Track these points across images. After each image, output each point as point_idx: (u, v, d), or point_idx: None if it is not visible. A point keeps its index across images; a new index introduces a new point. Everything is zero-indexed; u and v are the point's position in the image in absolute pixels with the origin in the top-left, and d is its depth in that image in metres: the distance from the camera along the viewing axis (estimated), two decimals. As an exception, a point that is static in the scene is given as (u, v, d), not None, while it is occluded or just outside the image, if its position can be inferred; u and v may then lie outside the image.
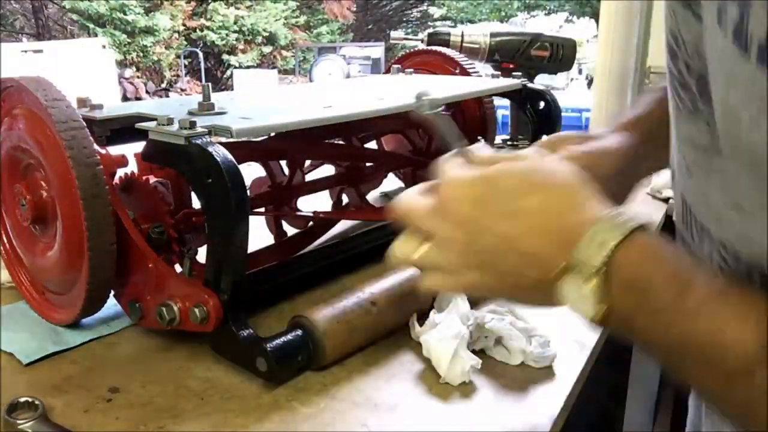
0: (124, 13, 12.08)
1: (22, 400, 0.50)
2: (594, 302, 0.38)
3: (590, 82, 7.42)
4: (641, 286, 0.36)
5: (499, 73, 1.03)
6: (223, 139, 0.58)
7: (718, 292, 0.35)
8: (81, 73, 7.27)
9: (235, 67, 13.04)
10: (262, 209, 0.82)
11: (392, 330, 0.63)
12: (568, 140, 0.58)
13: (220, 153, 0.54)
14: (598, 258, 0.37)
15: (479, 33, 1.30)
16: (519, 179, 0.42)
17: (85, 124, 0.57)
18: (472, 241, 0.42)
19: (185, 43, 13.39)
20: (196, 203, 0.64)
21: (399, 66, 1.08)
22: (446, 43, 1.27)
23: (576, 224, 0.39)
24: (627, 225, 0.37)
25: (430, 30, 1.33)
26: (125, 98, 9.30)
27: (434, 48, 1.12)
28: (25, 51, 7.61)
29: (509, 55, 1.30)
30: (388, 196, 1.14)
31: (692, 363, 0.35)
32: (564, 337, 0.64)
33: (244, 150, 0.76)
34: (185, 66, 13.49)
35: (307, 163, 0.90)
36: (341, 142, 0.96)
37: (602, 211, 0.39)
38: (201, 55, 12.86)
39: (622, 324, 0.38)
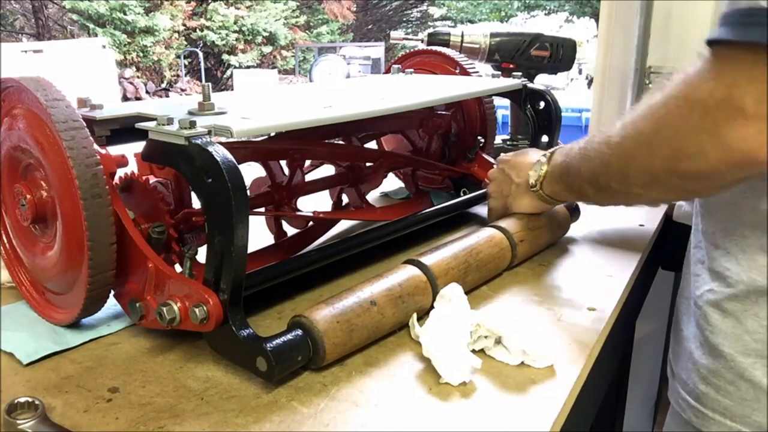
0: (124, 13, 12.08)
1: (22, 400, 0.50)
2: (543, 167, 0.78)
3: (590, 82, 7.42)
4: (563, 151, 0.75)
5: (499, 73, 1.03)
6: (223, 139, 0.58)
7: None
8: (81, 73, 7.27)
9: (235, 67, 13.04)
10: (262, 209, 0.82)
11: (392, 330, 0.63)
12: None
13: (220, 153, 0.54)
14: (543, 157, 0.79)
15: (479, 33, 1.30)
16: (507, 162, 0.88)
17: (85, 124, 0.57)
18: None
19: (185, 43, 13.39)
20: (196, 203, 0.64)
21: (399, 66, 1.08)
22: (446, 43, 1.27)
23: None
24: (550, 150, 0.79)
25: (430, 30, 1.33)
26: (125, 98, 9.30)
27: (434, 48, 1.12)
28: (25, 51, 7.60)
29: (509, 55, 1.30)
30: (388, 196, 1.14)
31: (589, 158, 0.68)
32: (564, 337, 0.64)
33: (244, 150, 0.77)
34: (185, 66, 13.49)
35: (307, 163, 0.90)
36: (341, 142, 0.96)
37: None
38: (201, 55, 12.87)
39: (557, 170, 0.75)
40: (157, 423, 0.50)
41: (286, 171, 0.83)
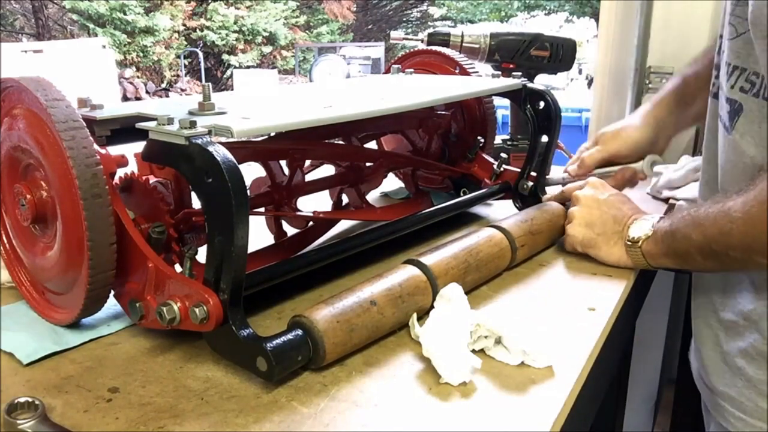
0: (124, 13, 12.08)
1: (22, 400, 0.50)
2: (649, 225, 0.75)
3: (590, 82, 7.43)
4: (668, 217, 0.74)
5: (499, 73, 1.03)
6: (224, 139, 0.58)
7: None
8: (81, 73, 7.26)
9: (235, 67, 13.04)
10: (262, 209, 0.82)
11: (392, 330, 0.63)
12: (604, 135, 0.97)
13: (221, 153, 0.54)
14: (651, 217, 0.76)
15: (479, 33, 1.30)
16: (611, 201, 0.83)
17: (85, 124, 0.57)
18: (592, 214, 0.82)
19: (185, 43, 13.39)
20: (196, 203, 0.64)
21: (399, 66, 1.08)
22: (446, 43, 1.27)
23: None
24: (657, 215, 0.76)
25: (430, 30, 1.33)
26: (125, 98, 9.30)
27: (434, 48, 1.12)
28: (25, 51, 7.60)
29: (509, 55, 1.29)
30: (388, 196, 1.14)
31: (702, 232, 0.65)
32: (564, 337, 0.64)
33: (244, 150, 0.76)
34: (185, 66, 13.49)
35: (307, 163, 0.90)
36: (341, 142, 0.96)
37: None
38: (201, 55, 12.86)
39: (661, 232, 0.73)
40: (157, 423, 0.50)
41: (286, 171, 0.83)
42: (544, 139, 0.95)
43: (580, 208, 0.83)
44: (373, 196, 1.05)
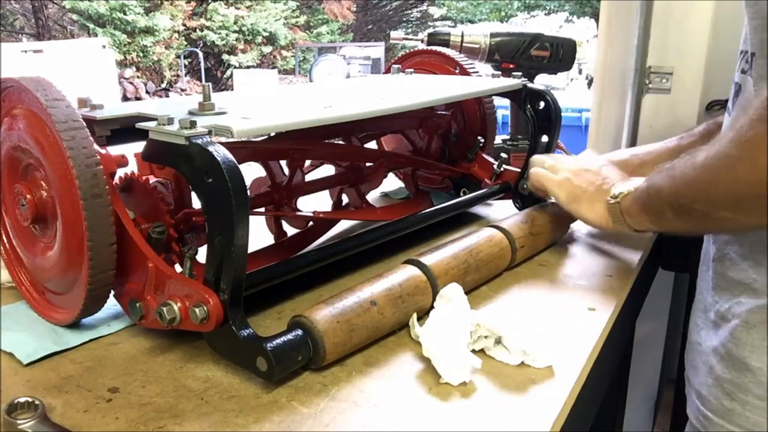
0: (124, 13, 12.09)
1: (22, 400, 0.50)
2: (634, 183, 0.73)
3: (590, 82, 7.43)
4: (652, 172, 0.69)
5: (499, 73, 1.03)
6: (224, 139, 0.58)
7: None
8: (81, 73, 7.27)
9: (235, 67, 13.04)
10: (262, 209, 0.82)
11: (392, 330, 0.63)
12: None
13: (221, 153, 0.54)
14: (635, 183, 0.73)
15: (479, 33, 1.30)
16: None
17: (85, 124, 0.57)
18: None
19: (185, 43, 13.40)
20: (196, 203, 0.64)
21: (399, 66, 1.08)
22: (446, 43, 1.27)
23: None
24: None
25: (430, 30, 1.33)
26: (125, 98, 9.30)
27: (434, 48, 1.12)
28: (25, 51, 7.60)
29: (509, 55, 1.30)
30: (388, 196, 1.14)
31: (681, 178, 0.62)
32: (564, 337, 0.64)
33: (244, 150, 0.77)
34: (185, 66, 13.50)
35: (307, 163, 0.90)
36: (341, 142, 0.96)
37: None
38: (201, 55, 12.87)
39: (641, 188, 0.70)
40: (157, 423, 0.50)
41: (286, 171, 0.83)
42: (545, 139, 0.95)
43: (568, 164, 0.84)
44: (373, 196, 1.05)
